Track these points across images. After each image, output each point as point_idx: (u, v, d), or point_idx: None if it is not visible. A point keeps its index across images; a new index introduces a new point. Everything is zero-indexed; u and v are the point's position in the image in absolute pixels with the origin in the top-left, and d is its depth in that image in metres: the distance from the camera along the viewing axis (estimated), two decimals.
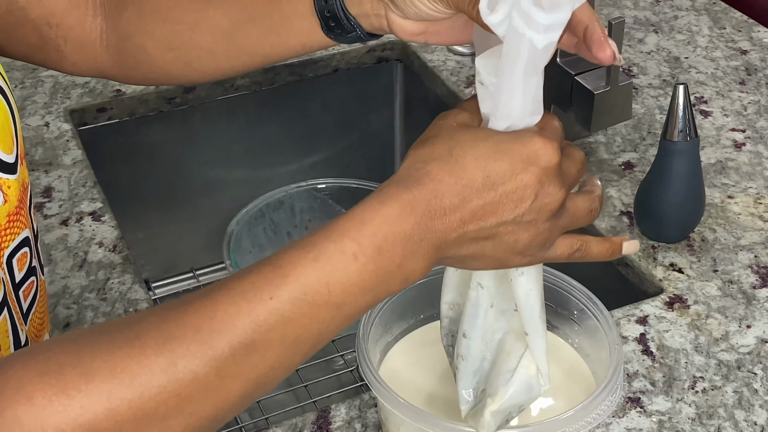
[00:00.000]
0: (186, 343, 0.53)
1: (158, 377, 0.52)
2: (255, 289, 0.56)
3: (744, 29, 1.39)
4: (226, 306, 0.55)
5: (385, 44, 1.37)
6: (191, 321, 0.54)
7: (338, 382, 1.15)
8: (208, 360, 0.54)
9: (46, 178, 1.11)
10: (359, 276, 0.58)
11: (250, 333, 0.55)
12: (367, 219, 0.58)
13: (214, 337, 0.54)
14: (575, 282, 0.79)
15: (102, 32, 0.84)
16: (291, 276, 0.56)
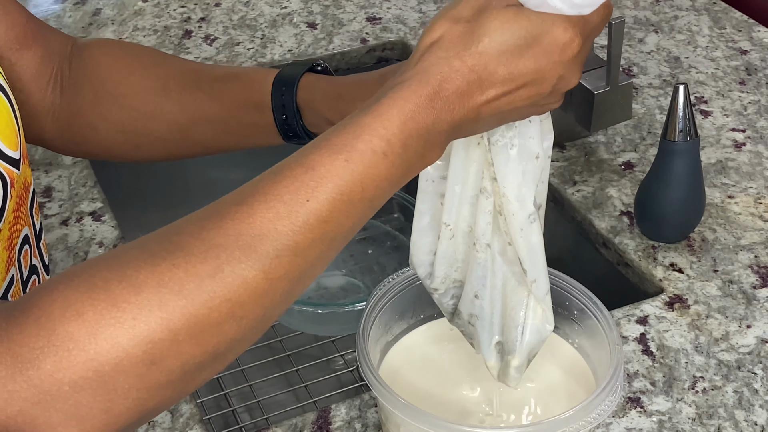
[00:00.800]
0: (230, 249, 0.54)
1: (207, 284, 0.53)
2: (290, 192, 0.57)
3: (744, 29, 1.39)
4: (263, 211, 0.56)
5: (385, 44, 1.37)
6: (232, 228, 0.55)
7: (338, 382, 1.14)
8: (254, 263, 0.54)
9: (46, 178, 1.11)
10: (388, 171, 0.59)
11: (291, 235, 0.56)
12: (393, 115, 0.60)
13: (257, 241, 0.55)
14: (575, 282, 0.79)
15: (55, 105, 0.86)
16: (326, 178, 0.58)
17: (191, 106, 0.84)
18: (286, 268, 0.56)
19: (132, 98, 0.85)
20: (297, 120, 0.82)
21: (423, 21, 1.41)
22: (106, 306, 0.51)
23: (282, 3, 1.46)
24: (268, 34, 1.38)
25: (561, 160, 1.14)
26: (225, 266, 0.54)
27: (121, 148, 0.87)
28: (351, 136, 0.59)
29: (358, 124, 0.59)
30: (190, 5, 1.45)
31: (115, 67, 0.86)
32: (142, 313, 0.51)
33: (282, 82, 0.82)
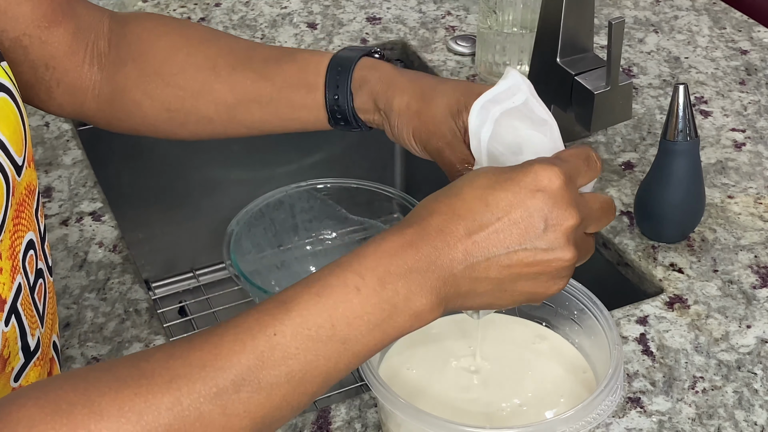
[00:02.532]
0: (191, 381, 0.54)
1: (164, 415, 0.52)
2: (259, 324, 0.56)
3: (744, 29, 1.38)
4: (231, 343, 0.55)
5: (385, 44, 1.37)
6: (197, 358, 0.55)
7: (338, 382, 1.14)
8: (213, 398, 0.54)
9: (46, 178, 1.11)
10: (363, 308, 0.57)
11: (254, 370, 0.55)
12: (369, 253, 0.59)
13: (219, 374, 0.54)
14: (575, 282, 0.79)
15: (95, 82, 0.84)
16: (294, 311, 0.56)
17: (240, 85, 0.82)
18: (245, 405, 0.54)
19: (179, 76, 0.83)
20: (348, 101, 0.81)
21: (423, 21, 1.41)
22: (67, 431, 0.51)
23: (282, 3, 1.46)
24: (268, 34, 1.38)
25: None
26: (184, 399, 0.53)
27: (165, 126, 0.85)
28: (327, 272, 0.58)
29: (336, 263, 0.58)
30: (190, 5, 1.45)
31: (160, 44, 0.84)
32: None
33: (339, 62, 0.82)
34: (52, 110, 0.86)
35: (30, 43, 0.80)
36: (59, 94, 0.84)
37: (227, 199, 1.35)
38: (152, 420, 0.52)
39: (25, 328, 0.69)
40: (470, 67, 1.31)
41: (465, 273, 0.60)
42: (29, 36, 0.80)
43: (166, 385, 0.53)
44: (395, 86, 0.79)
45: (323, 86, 0.82)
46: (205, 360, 0.54)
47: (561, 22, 1.09)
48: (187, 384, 0.53)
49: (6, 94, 0.68)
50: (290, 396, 0.56)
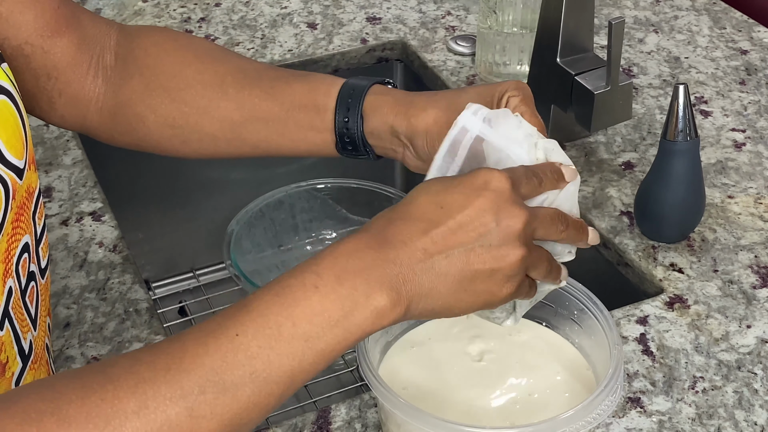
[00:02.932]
0: (157, 385, 0.54)
1: (131, 420, 0.53)
2: (222, 327, 0.57)
3: (744, 29, 1.39)
4: (194, 346, 0.56)
5: (385, 44, 1.37)
6: (161, 362, 0.55)
7: (338, 382, 1.14)
8: (178, 400, 0.54)
9: (46, 178, 1.11)
10: (322, 305, 0.58)
11: (218, 371, 0.55)
12: (326, 255, 0.60)
13: (184, 377, 0.55)
14: (575, 282, 0.79)
15: (99, 94, 0.84)
16: (255, 312, 0.58)
17: (248, 103, 0.81)
18: (211, 406, 0.55)
19: (185, 92, 0.82)
20: (358, 125, 0.80)
21: (423, 21, 1.41)
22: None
23: (282, 3, 1.46)
24: (268, 34, 1.38)
25: None
26: (150, 402, 0.54)
27: (168, 143, 0.85)
28: (286, 275, 0.59)
29: (296, 266, 0.60)
30: (190, 5, 1.45)
31: (169, 59, 0.84)
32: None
33: (351, 86, 0.80)
34: (53, 121, 0.85)
35: (32, 52, 0.80)
36: (61, 105, 0.83)
37: (227, 199, 1.35)
38: (119, 425, 0.53)
39: (18, 332, 0.69)
40: (470, 67, 1.31)
41: (425, 271, 0.61)
42: (31, 45, 0.79)
43: (132, 389, 0.54)
44: (414, 106, 0.77)
45: (333, 108, 0.80)
46: (169, 364, 0.55)
47: (561, 22, 1.09)
48: (152, 387, 0.54)
49: (6, 97, 0.68)
50: (256, 397, 0.57)
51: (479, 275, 0.63)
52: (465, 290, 0.63)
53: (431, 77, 1.32)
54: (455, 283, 0.63)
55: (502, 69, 1.26)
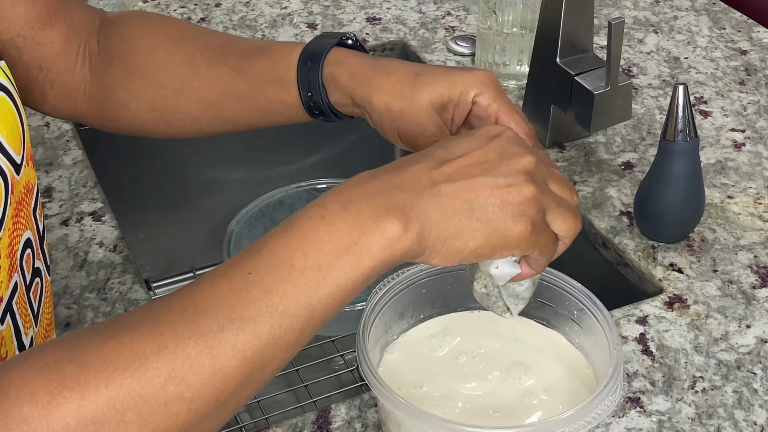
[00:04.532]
0: (174, 326, 0.54)
1: (152, 361, 0.53)
2: (234, 267, 0.57)
3: (744, 29, 1.39)
4: (208, 288, 0.56)
5: (385, 44, 1.37)
6: (177, 305, 0.55)
7: (338, 382, 1.15)
8: (197, 338, 0.54)
9: (46, 178, 1.11)
10: (330, 234, 0.58)
11: (234, 308, 0.55)
12: (331, 190, 0.60)
13: (200, 315, 0.54)
14: (575, 282, 0.80)
15: (86, 82, 0.84)
16: (264, 249, 0.57)
17: (219, 82, 0.81)
18: (231, 343, 0.54)
19: (160, 74, 0.83)
20: (322, 97, 0.79)
21: (423, 21, 1.41)
22: (57, 386, 0.51)
23: (282, 3, 1.46)
24: (268, 34, 1.38)
25: (561, 161, 1.14)
26: (169, 343, 0.53)
27: (153, 125, 0.85)
28: (294, 215, 0.59)
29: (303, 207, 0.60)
30: (190, 5, 1.45)
31: (142, 42, 0.84)
32: (89, 392, 0.51)
33: (308, 56, 0.79)
34: (46, 111, 0.86)
35: (24, 45, 0.80)
36: (53, 96, 0.84)
37: (227, 199, 1.35)
38: (139, 365, 0.52)
39: (20, 328, 0.69)
40: (470, 67, 1.31)
41: (432, 196, 0.61)
42: (23, 37, 0.79)
43: (149, 332, 0.54)
44: (369, 83, 0.76)
45: (296, 82, 0.79)
46: (185, 306, 0.55)
47: (561, 22, 1.09)
48: (169, 329, 0.54)
49: (4, 93, 0.68)
50: (276, 331, 0.56)
51: (488, 204, 0.62)
52: (477, 219, 0.62)
53: None
54: (465, 209, 0.61)
55: (502, 69, 1.26)
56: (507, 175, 0.62)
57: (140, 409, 0.52)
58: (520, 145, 0.65)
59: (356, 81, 0.77)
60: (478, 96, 0.73)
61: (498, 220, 0.62)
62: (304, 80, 0.79)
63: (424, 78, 0.75)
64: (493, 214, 0.62)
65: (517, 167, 0.63)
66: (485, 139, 0.65)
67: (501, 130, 0.66)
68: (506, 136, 0.65)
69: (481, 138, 0.65)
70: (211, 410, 0.55)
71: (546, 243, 0.65)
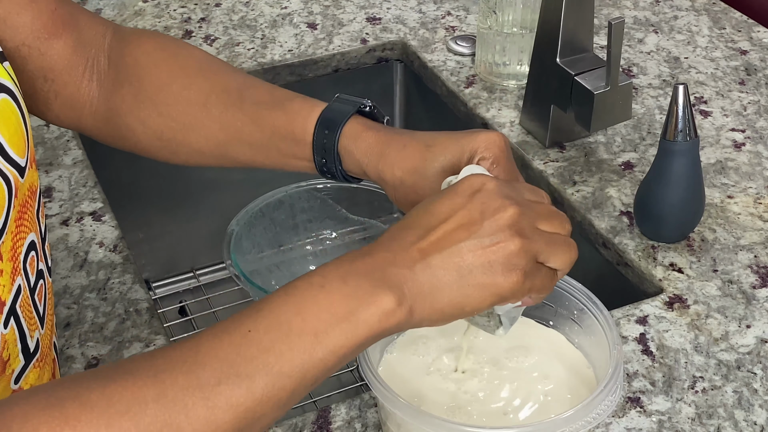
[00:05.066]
0: (174, 375, 0.56)
1: (150, 406, 0.55)
2: (235, 324, 0.60)
3: (744, 29, 1.39)
4: (209, 341, 0.58)
5: (385, 44, 1.37)
6: (178, 355, 0.58)
7: (338, 382, 1.15)
8: (195, 390, 0.56)
9: (46, 178, 1.11)
10: (328, 302, 0.61)
11: (233, 364, 0.57)
12: (330, 262, 0.63)
13: (200, 368, 0.57)
14: (575, 282, 0.80)
15: (93, 98, 0.84)
16: (265, 309, 0.60)
17: (231, 126, 0.82)
18: (227, 397, 0.56)
19: (171, 108, 0.83)
20: (336, 165, 0.80)
21: (423, 21, 1.41)
22: (59, 423, 0.52)
23: (282, 3, 1.46)
24: (268, 34, 1.38)
25: (561, 161, 1.14)
26: (168, 391, 0.55)
27: (158, 153, 0.86)
28: (294, 280, 0.62)
29: (303, 274, 0.63)
30: (190, 5, 1.45)
31: (157, 71, 0.83)
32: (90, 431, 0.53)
33: (326, 124, 0.79)
34: (50, 120, 0.86)
35: (29, 54, 0.80)
36: (57, 107, 0.83)
37: (227, 199, 1.35)
38: (139, 410, 0.54)
39: (24, 330, 0.69)
40: (470, 67, 1.31)
41: (423, 269, 0.63)
42: (28, 47, 0.79)
43: (151, 379, 0.56)
44: (383, 159, 0.78)
45: (311, 145, 0.80)
46: (185, 357, 0.57)
47: (561, 22, 1.09)
48: (170, 377, 0.56)
49: (7, 95, 0.68)
50: (270, 390, 0.58)
51: (477, 268, 0.64)
52: (468, 285, 0.64)
53: (431, 77, 1.32)
54: (455, 278, 0.63)
55: (502, 69, 1.26)
56: (491, 234, 0.64)
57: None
58: (503, 196, 0.66)
59: (370, 157, 0.78)
60: (481, 161, 0.74)
61: (488, 280, 0.64)
62: (319, 146, 0.80)
63: (434, 150, 0.77)
64: (482, 276, 0.64)
65: (500, 223, 0.64)
66: (466, 197, 0.66)
67: (482, 183, 0.66)
68: (487, 189, 0.66)
69: (462, 195, 0.66)
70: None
71: (543, 282, 0.67)
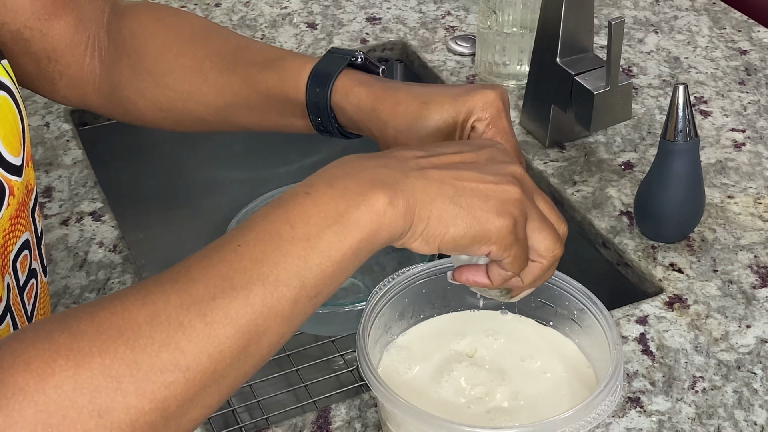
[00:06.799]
0: (166, 295, 0.54)
1: (144, 328, 0.53)
2: (224, 242, 0.58)
3: (744, 29, 1.39)
4: (199, 260, 0.57)
5: (385, 44, 1.37)
6: (168, 277, 0.56)
7: (338, 382, 1.15)
8: (189, 306, 0.54)
9: (46, 178, 1.11)
10: (316, 207, 0.59)
11: (225, 277, 0.55)
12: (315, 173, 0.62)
13: (191, 285, 0.55)
14: (575, 282, 0.80)
15: (96, 74, 0.84)
16: (253, 223, 0.58)
17: (227, 90, 0.81)
18: (224, 311, 0.55)
19: (168, 77, 0.82)
20: (332, 122, 0.79)
21: (423, 21, 1.41)
22: (51, 354, 0.51)
23: (282, 3, 1.46)
24: (268, 34, 1.38)
25: (561, 160, 1.14)
26: (161, 312, 0.54)
27: (162, 123, 0.85)
28: (281, 195, 0.61)
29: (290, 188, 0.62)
30: (190, 5, 1.45)
31: (152, 41, 0.83)
32: (84, 360, 0.51)
33: (316, 80, 0.78)
34: (58, 100, 0.86)
35: (31, 36, 0.80)
36: (62, 86, 0.84)
37: (227, 199, 1.35)
38: (132, 334, 0.52)
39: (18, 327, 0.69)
40: (470, 67, 1.31)
41: (418, 177, 0.61)
42: (30, 29, 0.79)
43: (140, 302, 0.54)
44: (377, 116, 0.76)
45: (304, 103, 0.79)
46: (176, 277, 0.56)
47: (561, 22, 1.09)
48: (161, 298, 0.54)
49: (5, 93, 0.68)
50: (269, 300, 0.56)
51: (474, 193, 0.62)
52: (460, 205, 0.62)
53: (431, 77, 1.32)
54: (449, 193, 0.62)
55: (502, 69, 1.26)
56: (494, 174, 0.63)
57: (136, 376, 0.52)
58: (511, 156, 0.66)
59: (363, 113, 0.77)
60: (476, 122, 0.73)
61: (481, 210, 0.62)
62: (312, 105, 0.79)
63: (430, 107, 0.75)
64: (477, 203, 0.62)
65: (506, 170, 0.64)
66: (477, 146, 0.66)
67: (493, 142, 0.67)
68: (498, 147, 0.66)
69: (472, 144, 0.66)
70: (208, 382, 0.54)
71: (519, 253, 0.65)
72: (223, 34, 0.85)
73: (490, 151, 0.66)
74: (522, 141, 1.17)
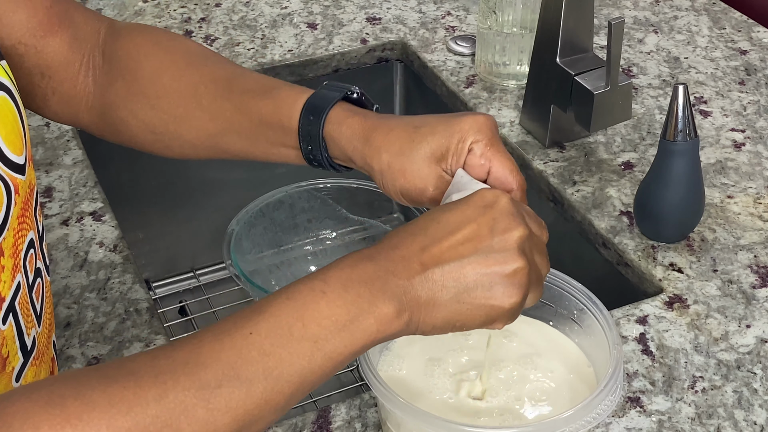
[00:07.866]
0: (176, 376, 0.56)
1: (152, 407, 0.55)
2: (236, 326, 0.60)
3: (744, 29, 1.39)
4: (211, 342, 0.59)
5: (385, 44, 1.37)
6: (180, 356, 0.58)
7: (338, 382, 1.15)
8: (197, 391, 0.56)
9: (46, 178, 1.11)
10: (330, 310, 0.61)
11: (233, 366, 0.58)
12: (332, 266, 0.63)
13: (201, 369, 0.57)
14: (575, 282, 0.80)
15: (89, 93, 0.84)
16: (267, 312, 0.60)
17: (220, 116, 0.82)
18: (226, 400, 0.57)
19: (163, 100, 0.83)
20: (322, 152, 0.79)
21: (423, 21, 1.41)
22: (60, 421, 0.52)
23: (282, 3, 1.46)
24: (268, 34, 1.38)
25: (561, 161, 1.14)
26: (170, 392, 0.56)
27: (152, 147, 0.86)
28: (296, 282, 0.62)
29: (305, 276, 0.63)
30: (190, 5, 1.45)
31: (148, 64, 0.84)
32: (92, 430, 0.53)
33: (311, 110, 0.79)
34: (48, 117, 0.86)
35: (25, 52, 0.80)
36: (54, 103, 0.84)
37: (227, 199, 1.35)
38: (140, 411, 0.54)
39: (22, 328, 0.69)
40: (470, 67, 1.31)
41: (422, 282, 0.63)
42: (24, 45, 0.79)
43: (152, 380, 0.56)
44: (369, 144, 0.76)
45: (296, 132, 0.80)
46: (187, 358, 0.57)
47: (561, 22, 1.10)
48: (171, 378, 0.56)
49: (5, 93, 0.68)
50: (269, 394, 0.58)
51: (478, 286, 0.64)
52: (462, 302, 0.64)
53: (431, 77, 1.32)
54: (453, 294, 0.64)
55: (502, 69, 1.26)
56: (499, 251, 0.64)
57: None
58: (514, 214, 0.66)
59: (355, 143, 0.77)
60: (474, 144, 0.73)
61: (485, 299, 0.64)
62: (305, 133, 0.79)
63: (422, 130, 0.75)
64: (480, 294, 0.64)
65: (509, 241, 0.65)
66: (478, 210, 0.66)
67: (495, 198, 0.66)
68: (500, 206, 0.66)
69: (474, 207, 0.66)
70: None
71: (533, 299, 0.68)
72: (220, 62, 0.86)
73: (492, 216, 0.65)
74: (522, 141, 1.17)
